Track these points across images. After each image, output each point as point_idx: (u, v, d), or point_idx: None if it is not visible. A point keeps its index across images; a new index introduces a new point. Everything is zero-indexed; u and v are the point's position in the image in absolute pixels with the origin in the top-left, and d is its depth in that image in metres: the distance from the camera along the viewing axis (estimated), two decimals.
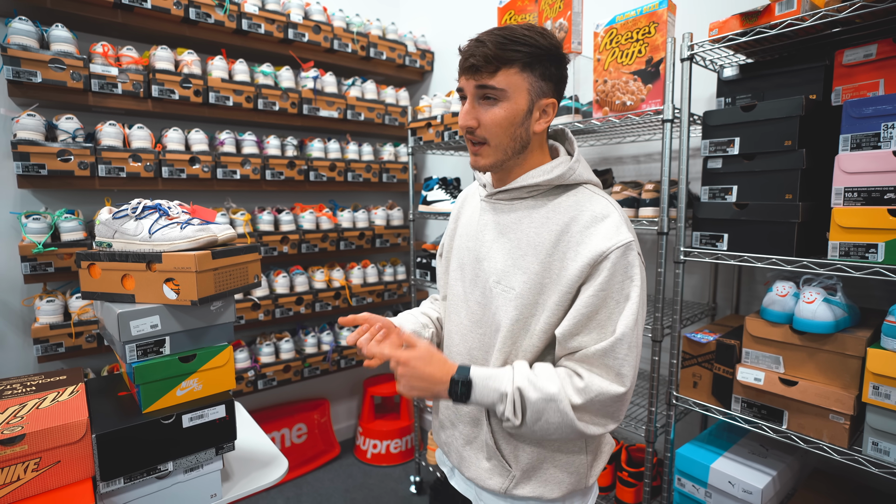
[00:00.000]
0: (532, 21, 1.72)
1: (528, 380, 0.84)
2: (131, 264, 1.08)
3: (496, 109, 0.86)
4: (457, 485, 1.09)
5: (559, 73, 0.89)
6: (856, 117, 1.11)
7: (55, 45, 1.76)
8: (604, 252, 0.82)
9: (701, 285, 1.77)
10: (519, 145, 0.90)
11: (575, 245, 0.85)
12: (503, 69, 0.84)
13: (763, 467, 1.32)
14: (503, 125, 0.87)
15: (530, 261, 0.88)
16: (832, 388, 1.16)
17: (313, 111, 2.33)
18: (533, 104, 0.88)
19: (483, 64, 0.84)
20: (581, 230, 0.85)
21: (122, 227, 1.15)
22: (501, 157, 0.90)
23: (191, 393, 1.12)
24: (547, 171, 0.91)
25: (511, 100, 0.86)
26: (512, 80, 0.85)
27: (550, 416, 0.83)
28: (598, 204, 0.88)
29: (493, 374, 0.86)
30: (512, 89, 0.85)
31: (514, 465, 0.94)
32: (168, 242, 1.09)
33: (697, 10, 1.65)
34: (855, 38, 1.26)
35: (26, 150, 1.69)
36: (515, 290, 0.89)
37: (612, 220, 0.85)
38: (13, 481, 0.91)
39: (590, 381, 0.83)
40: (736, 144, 1.30)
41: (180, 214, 1.19)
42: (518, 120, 0.87)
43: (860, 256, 1.10)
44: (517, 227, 0.92)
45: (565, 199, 0.90)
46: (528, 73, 0.85)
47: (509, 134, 0.88)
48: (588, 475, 0.96)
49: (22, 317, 1.96)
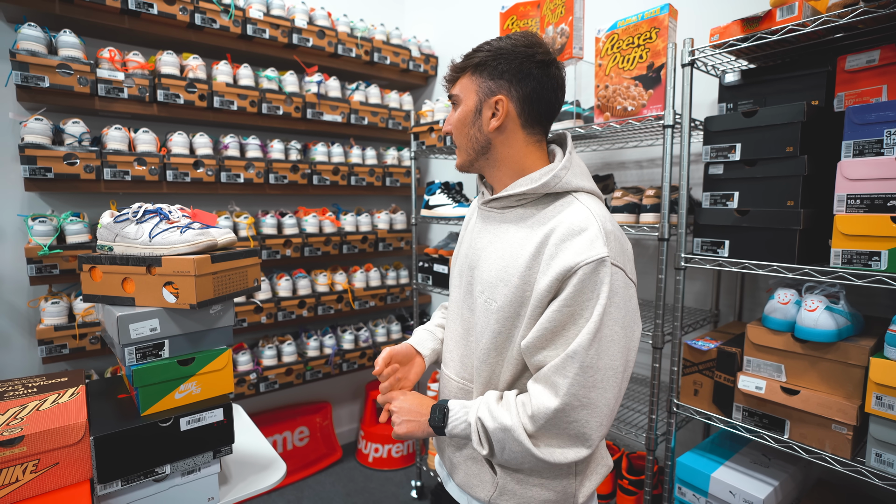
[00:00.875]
0: (534, 26, 1.72)
1: (489, 410, 0.85)
2: (131, 268, 1.08)
3: (454, 113, 0.95)
4: (452, 491, 1.08)
5: (518, 70, 0.88)
6: (858, 123, 1.10)
7: (63, 51, 1.78)
8: (571, 267, 0.79)
9: (703, 292, 1.76)
10: (478, 146, 0.93)
11: (549, 258, 0.83)
12: (460, 78, 0.94)
13: (765, 477, 1.31)
14: (457, 126, 0.95)
15: (512, 272, 0.87)
16: (835, 398, 1.14)
17: (317, 115, 2.34)
18: (481, 103, 0.91)
19: (450, 76, 0.96)
20: (556, 243, 0.82)
21: (123, 231, 1.16)
22: (465, 157, 0.96)
23: (189, 396, 1.12)
24: (534, 180, 0.89)
25: (463, 103, 0.93)
26: (463, 85, 0.93)
27: (511, 445, 0.83)
28: (577, 216, 0.84)
29: (467, 405, 0.90)
30: (464, 93, 0.93)
31: (500, 471, 0.92)
32: (168, 246, 1.10)
33: (699, 16, 1.65)
34: (857, 43, 1.25)
35: (34, 154, 1.71)
36: (497, 303, 0.88)
37: (589, 233, 0.81)
38: (12, 482, 0.91)
39: (535, 402, 0.81)
40: (737, 150, 1.29)
41: (181, 218, 1.20)
42: (468, 120, 0.92)
43: (863, 264, 1.08)
44: (504, 236, 0.92)
45: (552, 209, 0.88)
46: (476, 76, 0.91)
47: (464, 134, 0.94)
48: (577, 495, 0.93)
49: (27, 318, 1.98)
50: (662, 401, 1.51)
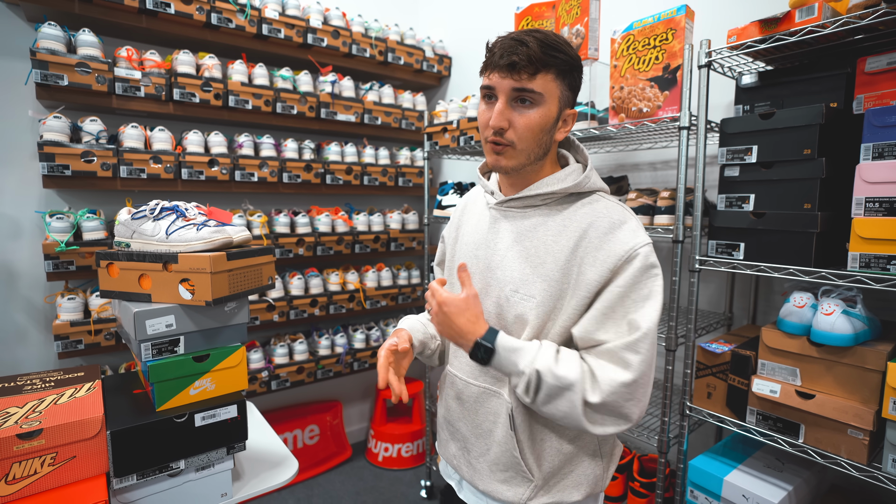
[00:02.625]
0: (549, 27, 1.72)
1: (549, 364, 0.83)
2: (148, 264, 1.10)
3: (532, 113, 0.85)
4: (466, 498, 1.07)
5: (580, 84, 0.91)
6: (878, 126, 1.08)
7: (82, 50, 1.81)
8: (622, 255, 0.83)
9: (717, 294, 1.75)
10: (542, 151, 0.90)
11: (594, 251, 0.85)
12: (542, 73, 0.83)
13: (779, 482, 1.30)
14: (535, 130, 0.86)
15: (550, 268, 0.88)
16: (851, 403, 1.13)
17: (331, 115, 2.35)
18: (560, 112, 0.89)
19: (525, 64, 0.82)
20: (600, 236, 0.86)
21: (140, 228, 1.18)
22: (524, 162, 0.89)
23: (204, 392, 1.13)
24: (561, 179, 0.92)
25: (546, 105, 0.85)
26: (549, 86, 0.84)
27: (561, 403, 0.82)
28: (614, 211, 0.89)
29: (518, 347, 0.85)
30: (548, 95, 0.85)
31: (537, 474, 0.93)
32: (184, 243, 1.11)
33: (715, 17, 1.63)
34: (878, 45, 1.23)
35: (52, 151, 1.74)
36: (536, 299, 0.89)
37: (630, 225, 0.87)
38: (30, 475, 0.93)
39: (603, 375, 0.82)
40: (754, 152, 1.28)
41: (197, 216, 1.21)
42: (548, 127, 0.87)
43: (881, 268, 1.07)
44: (533, 234, 0.92)
45: (580, 206, 0.91)
46: (560, 81, 0.86)
47: (537, 140, 0.87)
48: (603, 480, 0.97)
49: (44, 313, 2.01)
50: (675, 403, 1.50)
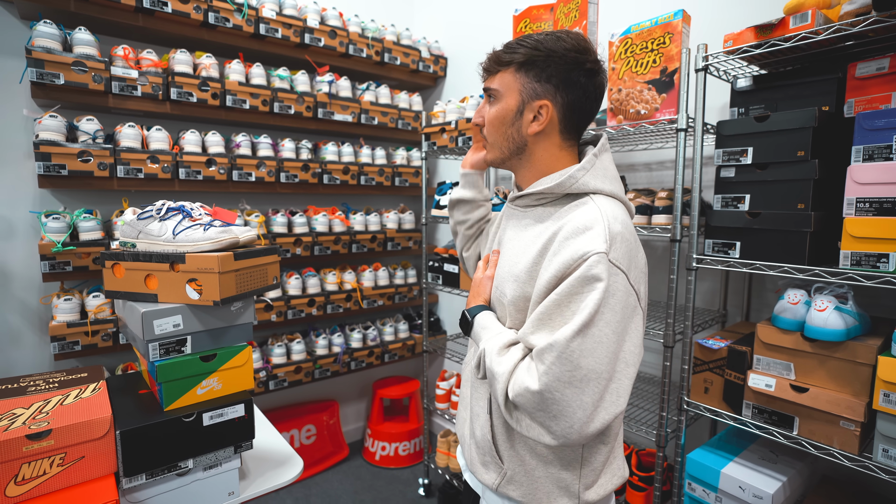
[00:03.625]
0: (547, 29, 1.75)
1: (492, 349, 0.88)
2: (155, 264, 1.10)
3: (492, 108, 0.93)
4: (468, 479, 1.11)
5: (566, 76, 0.86)
6: (868, 129, 1.13)
7: (78, 48, 1.79)
8: (570, 263, 0.79)
9: (711, 292, 1.79)
10: (514, 146, 0.92)
11: (552, 255, 0.83)
12: (501, 71, 0.91)
13: (773, 473, 1.34)
14: (494, 123, 0.93)
15: (521, 268, 0.90)
16: (843, 396, 1.17)
17: (328, 115, 2.36)
18: (524, 105, 0.88)
19: (488, 66, 0.93)
20: (561, 240, 0.83)
21: (146, 228, 1.18)
22: (499, 155, 0.96)
23: (211, 392, 1.14)
24: (553, 179, 0.91)
25: (503, 99, 0.91)
26: (505, 81, 0.90)
27: (494, 388, 0.87)
28: (588, 216, 0.83)
29: (487, 327, 0.94)
30: (504, 89, 0.90)
31: (507, 463, 0.95)
32: (192, 243, 1.12)
33: (711, 22, 1.67)
34: (868, 51, 1.28)
35: (48, 151, 1.72)
36: (507, 297, 0.92)
37: (592, 232, 0.80)
38: (39, 475, 0.92)
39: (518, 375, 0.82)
40: (749, 154, 1.31)
41: (203, 216, 1.22)
42: (508, 119, 0.91)
43: (871, 266, 1.11)
44: (521, 234, 0.95)
45: (567, 209, 0.88)
46: (521, 74, 0.88)
47: (501, 133, 0.93)
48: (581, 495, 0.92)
49: (38, 314, 1.99)
50: (673, 399, 1.53)
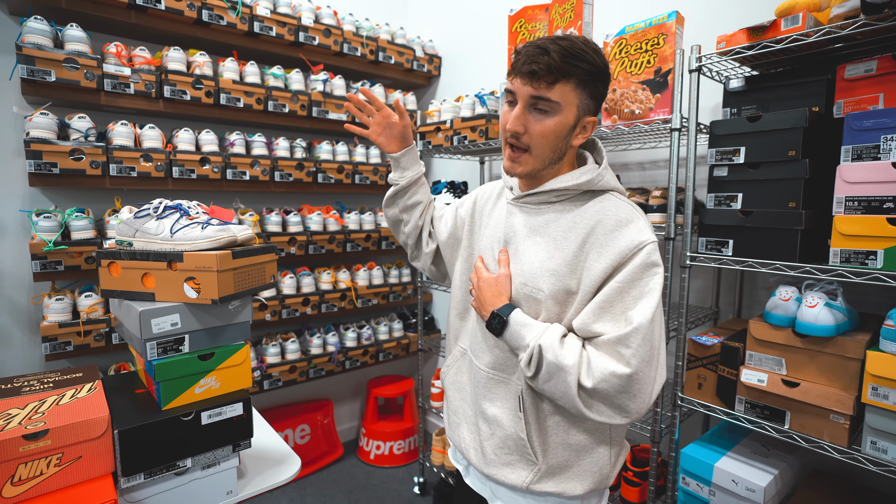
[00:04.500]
0: (542, 30, 1.76)
1: (552, 343, 0.87)
2: (152, 263, 1.09)
3: (547, 121, 0.89)
4: (472, 483, 1.11)
5: (604, 93, 0.93)
6: (857, 129, 1.15)
7: (69, 45, 1.77)
8: (626, 252, 0.86)
9: (704, 290, 1.82)
10: (557, 157, 0.94)
11: (599, 247, 0.89)
12: (561, 82, 0.86)
13: (765, 466, 1.36)
14: (549, 137, 0.90)
15: (558, 262, 0.92)
16: (833, 390, 1.20)
17: (322, 114, 2.35)
18: (579, 120, 0.91)
19: (544, 73, 0.85)
20: (606, 233, 0.89)
21: (143, 227, 1.17)
22: (538, 167, 0.94)
23: (209, 391, 1.14)
24: (576, 177, 0.94)
25: (562, 114, 0.88)
26: (567, 95, 0.87)
27: (558, 383, 0.86)
28: (623, 209, 0.92)
29: (528, 323, 0.91)
30: (565, 103, 0.88)
31: (542, 458, 0.96)
32: (189, 242, 1.11)
33: (704, 23, 1.70)
34: (856, 53, 1.31)
35: (39, 149, 1.70)
36: (545, 292, 0.92)
37: (637, 223, 0.89)
38: (36, 475, 0.92)
39: (597, 363, 0.85)
40: (742, 153, 1.34)
41: (200, 215, 1.21)
42: (564, 134, 0.91)
43: (860, 263, 1.14)
44: (545, 230, 0.95)
45: (592, 204, 0.94)
46: (580, 90, 0.88)
47: (552, 146, 0.91)
48: (609, 475, 0.99)
49: (28, 315, 1.96)
50: (667, 395, 1.56)
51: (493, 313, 0.94)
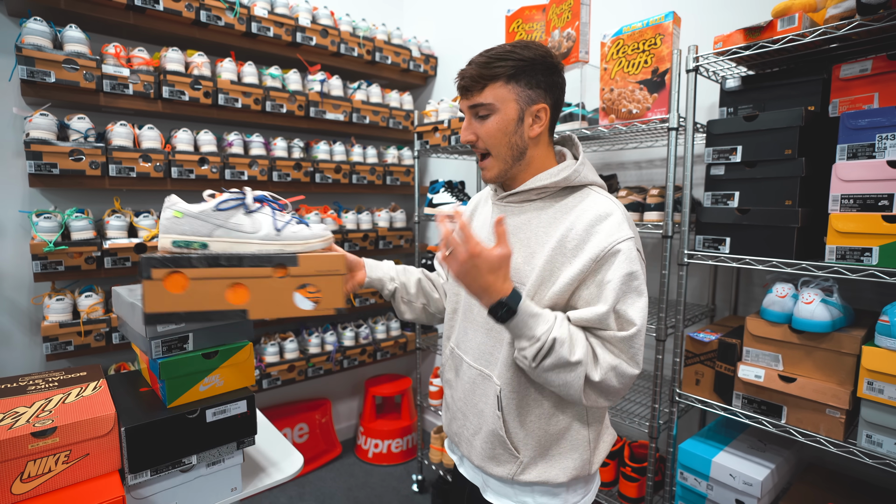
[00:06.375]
0: (539, 30, 1.78)
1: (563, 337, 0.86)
2: (247, 269, 0.89)
3: (489, 122, 0.95)
4: (465, 472, 1.14)
5: (549, 80, 0.95)
6: (852, 128, 1.17)
7: (69, 46, 1.77)
8: (606, 248, 0.88)
9: (700, 287, 1.84)
10: (517, 152, 0.96)
11: (579, 242, 0.90)
12: (489, 85, 0.92)
13: (762, 461, 1.38)
14: (497, 135, 0.95)
15: (538, 258, 0.94)
16: (829, 385, 1.22)
17: (320, 114, 2.36)
18: (523, 112, 0.94)
19: (471, 84, 0.94)
20: (585, 227, 0.91)
21: (229, 222, 0.93)
22: (503, 167, 0.97)
23: (213, 388, 1.14)
24: (554, 174, 0.97)
25: (500, 112, 0.93)
26: (498, 94, 0.93)
27: (566, 375, 0.87)
28: (601, 204, 0.93)
29: (538, 314, 0.87)
30: (499, 101, 0.93)
31: (523, 451, 0.99)
32: (302, 242, 0.93)
33: (701, 23, 1.72)
34: (851, 53, 1.33)
35: (39, 150, 1.70)
36: (526, 286, 0.95)
37: (615, 218, 0.91)
38: (45, 473, 0.92)
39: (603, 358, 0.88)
40: (738, 152, 1.36)
41: (284, 209, 1.03)
42: (510, 128, 0.94)
43: (856, 260, 1.16)
44: (527, 227, 0.98)
45: (571, 199, 0.96)
46: (513, 85, 0.92)
47: (505, 143, 0.95)
48: (591, 460, 1.01)
49: (29, 315, 1.96)
50: (665, 391, 1.58)
51: (500, 301, 0.86)
